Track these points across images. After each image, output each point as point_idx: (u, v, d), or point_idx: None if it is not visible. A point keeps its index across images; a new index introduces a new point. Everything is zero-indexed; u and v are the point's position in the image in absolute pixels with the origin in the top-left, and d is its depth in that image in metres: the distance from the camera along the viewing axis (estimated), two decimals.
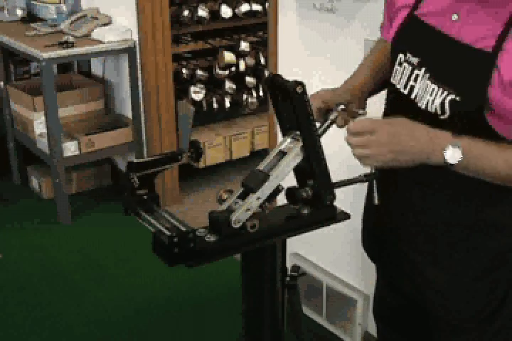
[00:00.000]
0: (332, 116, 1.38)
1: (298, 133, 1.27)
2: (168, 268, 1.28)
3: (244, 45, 3.65)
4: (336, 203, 1.37)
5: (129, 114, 3.57)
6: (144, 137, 3.53)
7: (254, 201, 1.24)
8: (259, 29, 3.76)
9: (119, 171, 3.76)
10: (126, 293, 2.84)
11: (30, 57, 3.26)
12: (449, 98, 1.22)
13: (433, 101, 1.24)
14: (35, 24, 3.57)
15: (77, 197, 3.64)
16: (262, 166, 1.29)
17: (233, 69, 3.71)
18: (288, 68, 2.44)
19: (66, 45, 3.20)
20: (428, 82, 1.26)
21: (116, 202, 3.35)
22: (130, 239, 3.22)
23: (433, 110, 1.25)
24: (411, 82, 1.30)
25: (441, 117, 1.24)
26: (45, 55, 3.11)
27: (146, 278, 2.94)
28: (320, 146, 1.28)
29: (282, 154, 1.28)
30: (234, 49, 3.66)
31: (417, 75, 1.28)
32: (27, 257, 3.12)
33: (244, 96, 3.77)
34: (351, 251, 2.39)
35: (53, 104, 3.19)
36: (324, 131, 1.37)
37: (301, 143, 1.25)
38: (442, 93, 1.23)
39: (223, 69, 3.67)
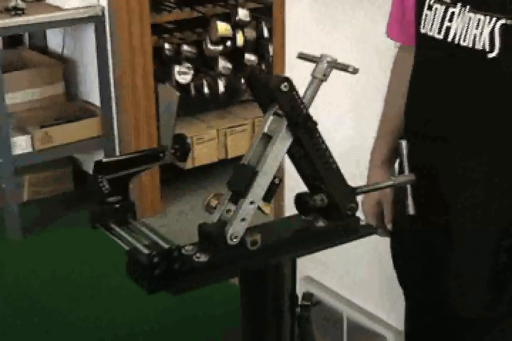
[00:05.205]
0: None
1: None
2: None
3: (242, 14, 3.66)
4: (359, 214, 1.39)
5: (96, 100, 3.58)
6: (115, 130, 3.55)
7: (247, 207, 1.25)
8: None
9: (85, 173, 3.77)
10: (93, 323, 2.87)
11: None
12: (499, 24, 1.34)
13: (481, 33, 1.36)
14: None
15: (31, 206, 3.65)
16: (246, 159, 1.30)
17: (229, 43, 3.72)
18: (297, 41, 2.45)
19: (15, 11, 3.20)
20: (471, 14, 1.38)
21: (80, 213, 3.36)
22: (96, 258, 3.24)
23: (480, 46, 1.36)
24: (446, 23, 1.43)
25: (489, 56, 1.35)
26: None
27: (119, 304, 2.97)
28: (326, 148, 1.30)
29: (268, 138, 1.30)
30: (229, 18, 3.67)
31: (453, 13, 1.41)
32: None
33: (243, 79, 3.79)
34: (377, 275, 2.40)
35: None
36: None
37: (286, 121, 1.27)
38: (490, 20, 1.35)
39: (216, 43, 3.68)
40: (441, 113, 1.48)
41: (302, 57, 1.40)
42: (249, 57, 3.79)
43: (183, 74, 3.64)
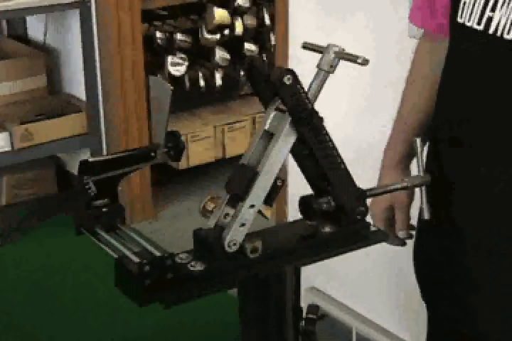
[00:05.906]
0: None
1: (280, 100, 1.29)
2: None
3: None
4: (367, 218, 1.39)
5: (81, 94, 3.58)
6: (102, 127, 3.55)
7: (247, 211, 1.26)
8: None
9: (69, 174, 3.77)
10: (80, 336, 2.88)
11: None
12: None
13: None
14: None
15: (10, 210, 3.65)
16: (246, 158, 1.30)
17: (226, 32, 3.72)
18: (302, 29, 2.45)
19: None
20: None
21: (64, 218, 3.36)
22: (82, 267, 3.25)
23: None
24: (487, 13, 1.39)
25: None
26: None
27: (108, 317, 2.97)
28: (333, 147, 1.30)
29: (269, 136, 1.30)
30: (227, 4, 3.67)
31: (496, 2, 1.37)
32: None
33: (242, 71, 3.79)
34: (390, 285, 2.40)
35: None
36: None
37: (289, 117, 1.27)
38: None
39: (213, 32, 3.68)
40: (475, 114, 1.44)
41: (307, 47, 1.40)
42: (249, 47, 3.79)
43: (176, 66, 3.64)
